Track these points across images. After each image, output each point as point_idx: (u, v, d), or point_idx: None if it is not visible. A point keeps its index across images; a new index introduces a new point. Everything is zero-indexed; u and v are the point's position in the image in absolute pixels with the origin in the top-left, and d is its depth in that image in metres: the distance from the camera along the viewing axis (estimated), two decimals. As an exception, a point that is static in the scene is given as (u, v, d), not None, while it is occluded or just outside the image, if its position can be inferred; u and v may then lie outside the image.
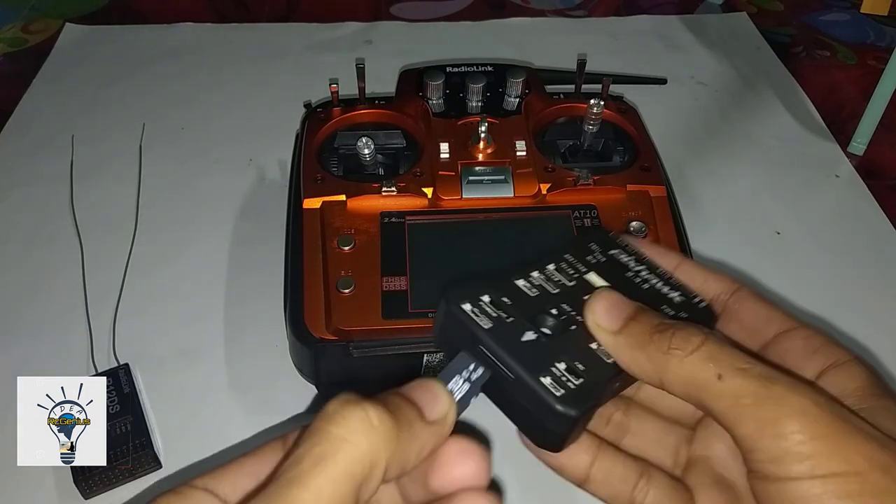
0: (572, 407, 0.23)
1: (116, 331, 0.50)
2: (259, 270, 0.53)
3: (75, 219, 0.58)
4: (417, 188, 0.48)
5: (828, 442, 0.20)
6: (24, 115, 0.69)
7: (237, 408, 0.47)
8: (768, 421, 0.21)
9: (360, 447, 0.19)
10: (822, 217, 0.61)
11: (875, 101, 0.65)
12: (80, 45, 0.78)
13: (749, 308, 0.28)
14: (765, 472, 0.21)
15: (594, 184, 0.48)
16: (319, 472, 0.18)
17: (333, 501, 0.18)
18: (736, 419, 0.22)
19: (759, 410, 0.21)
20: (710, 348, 0.23)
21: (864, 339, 0.51)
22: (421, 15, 0.84)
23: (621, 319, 0.25)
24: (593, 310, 0.25)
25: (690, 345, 0.23)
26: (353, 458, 0.19)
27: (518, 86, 0.54)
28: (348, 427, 0.19)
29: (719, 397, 0.22)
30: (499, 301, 0.25)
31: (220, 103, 0.71)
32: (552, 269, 0.27)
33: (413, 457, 0.21)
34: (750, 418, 0.21)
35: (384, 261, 0.45)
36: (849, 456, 0.20)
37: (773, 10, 0.88)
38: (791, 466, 0.21)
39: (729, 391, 0.22)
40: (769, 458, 0.21)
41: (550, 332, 0.25)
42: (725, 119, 0.71)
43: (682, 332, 0.23)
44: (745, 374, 0.22)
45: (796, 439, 0.21)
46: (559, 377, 0.23)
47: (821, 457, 0.20)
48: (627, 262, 0.29)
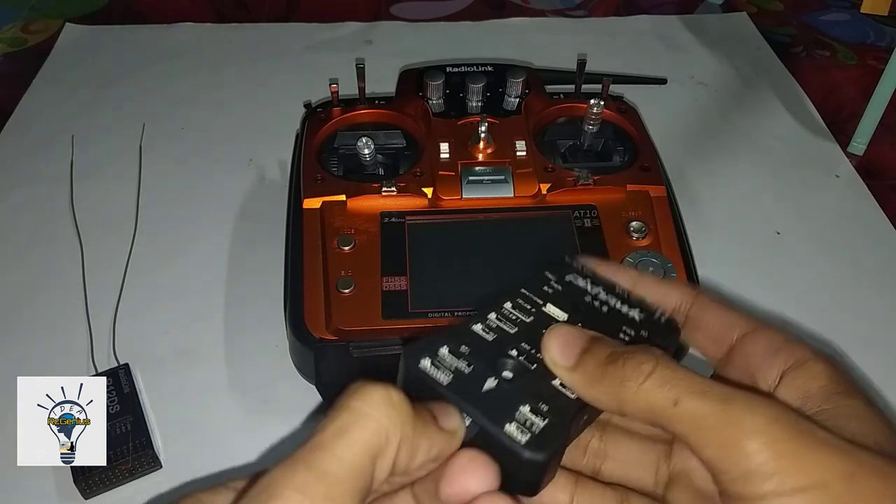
0: (539, 451, 0.22)
1: (116, 331, 0.50)
2: (259, 270, 0.53)
3: (75, 219, 0.58)
4: (417, 188, 0.48)
5: (790, 458, 0.21)
6: (24, 115, 0.69)
7: (237, 408, 0.47)
8: (730, 443, 0.21)
9: (380, 422, 0.20)
10: (822, 217, 0.61)
11: (875, 101, 0.65)
12: (80, 45, 0.78)
13: (710, 315, 0.27)
14: (733, 492, 0.21)
15: (594, 184, 0.48)
16: (341, 441, 0.20)
17: (352, 467, 0.20)
18: (698, 443, 0.22)
19: (720, 433, 0.21)
20: (663, 374, 0.23)
21: (864, 339, 0.51)
22: (421, 15, 0.84)
23: (575, 355, 0.24)
24: (547, 348, 0.25)
25: (642, 373, 0.23)
26: (371, 431, 0.20)
27: (518, 86, 0.54)
28: (369, 403, 0.21)
29: (679, 422, 0.22)
30: (457, 351, 0.25)
31: (220, 103, 0.71)
32: (509, 308, 0.27)
33: (422, 450, 0.22)
34: (711, 441, 0.21)
35: (384, 261, 0.45)
36: (812, 469, 0.20)
37: (773, 10, 0.88)
38: (757, 486, 0.21)
39: (687, 415, 0.22)
40: (735, 479, 0.21)
41: (512, 376, 0.24)
42: (725, 119, 0.71)
43: (633, 361, 0.23)
44: (700, 396, 0.22)
45: (759, 459, 0.21)
46: (524, 422, 0.23)
47: (785, 474, 0.20)
48: (584, 287, 0.28)
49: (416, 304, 0.43)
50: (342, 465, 0.20)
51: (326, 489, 0.19)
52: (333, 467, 0.20)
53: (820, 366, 0.25)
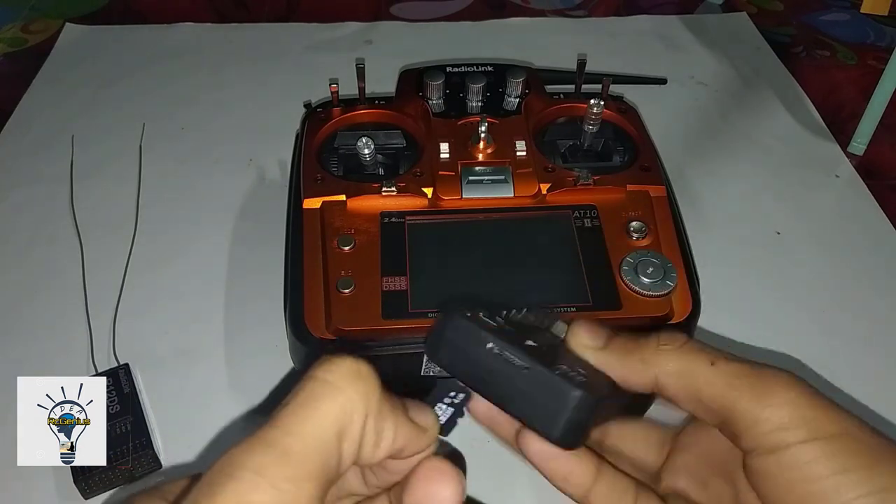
0: (592, 392, 0.23)
1: (116, 331, 0.50)
2: (259, 270, 0.53)
3: (75, 219, 0.58)
4: (417, 188, 0.48)
5: (814, 409, 0.23)
6: (24, 115, 0.69)
7: (237, 408, 0.47)
8: (764, 393, 0.23)
9: (346, 392, 0.19)
10: (822, 217, 0.61)
11: (875, 101, 0.65)
12: (80, 45, 0.78)
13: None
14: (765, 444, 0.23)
15: (594, 184, 0.48)
16: (305, 413, 0.19)
17: (318, 444, 0.18)
18: (733, 399, 0.23)
19: (755, 384, 0.23)
20: (695, 343, 0.25)
21: (864, 339, 0.51)
22: (421, 15, 0.84)
23: (605, 336, 0.26)
24: (576, 333, 0.27)
25: (678, 340, 0.25)
26: (338, 403, 0.19)
27: (518, 86, 0.54)
28: (336, 373, 0.20)
29: (713, 382, 0.24)
30: (493, 318, 0.26)
31: (220, 103, 0.71)
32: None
33: (387, 435, 0.21)
34: (746, 392, 0.23)
35: (384, 261, 0.45)
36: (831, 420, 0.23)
37: (773, 10, 0.88)
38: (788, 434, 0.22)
39: (722, 373, 0.24)
40: (768, 430, 0.23)
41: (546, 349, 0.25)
42: (725, 119, 0.71)
43: (666, 333, 0.26)
44: (734, 359, 0.24)
45: (790, 407, 0.23)
46: (567, 374, 0.24)
47: (814, 422, 0.23)
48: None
49: (417, 304, 0.43)
50: (306, 442, 0.18)
51: (288, 470, 0.18)
52: (297, 446, 0.18)
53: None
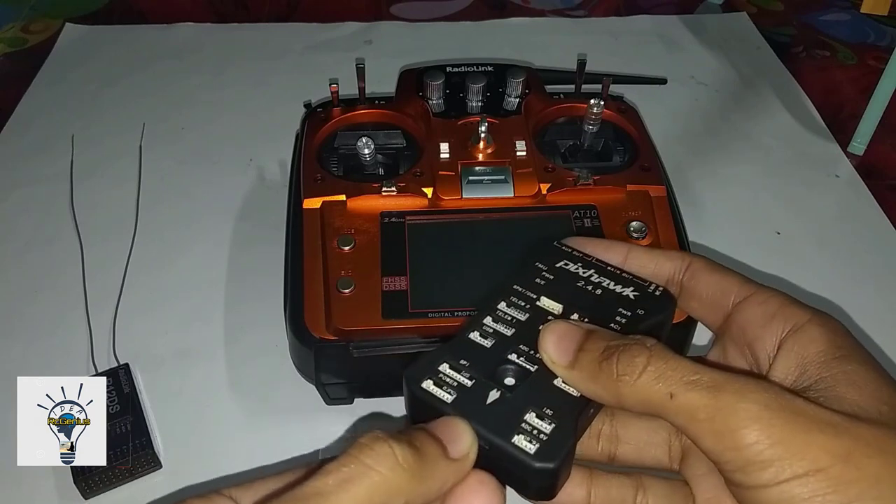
0: (549, 460, 0.22)
1: (116, 331, 0.50)
2: (259, 270, 0.53)
3: (75, 219, 0.58)
4: (417, 188, 0.48)
5: (786, 445, 0.21)
6: (24, 115, 0.69)
7: (237, 408, 0.47)
8: (724, 433, 0.21)
9: (385, 477, 0.20)
10: (822, 217, 0.61)
11: (875, 101, 0.65)
12: (80, 45, 0.78)
13: (704, 282, 0.27)
14: (735, 481, 0.22)
15: (594, 184, 0.48)
16: (343, 490, 0.19)
17: None
18: (695, 435, 0.22)
19: (714, 425, 0.21)
20: (657, 367, 0.23)
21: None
22: (421, 15, 0.84)
23: (572, 352, 0.24)
24: (544, 348, 0.25)
25: (636, 368, 0.23)
26: (375, 485, 0.20)
27: (518, 86, 0.54)
28: (375, 459, 0.20)
29: (676, 414, 0.22)
30: (457, 365, 0.25)
31: (220, 103, 0.71)
32: (504, 308, 0.27)
33: (434, 492, 0.21)
34: (707, 434, 0.21)
35: (384, 261, 0.45)
36: (809, 454, 0.20)
37: (773, 10, 0.88)
38: (757, 475, 0.21)
39: (683, 409, 0.22)
40: (734, 469, 0.21)
41: (514, 382, 0.25)
42: (725, 119, 0.71)
43: (626, 356, 0.23)
44: (693, 386, 0.22)
45: (756, 449, 0.21)
46: (531, 430, 0.23)
47: (782, 461, 0.20)
48: (576, 271, 0.28)
49: (416, 304, 0.43)
50: None
51: None
52: None
53: (817, 329, 0.24)
